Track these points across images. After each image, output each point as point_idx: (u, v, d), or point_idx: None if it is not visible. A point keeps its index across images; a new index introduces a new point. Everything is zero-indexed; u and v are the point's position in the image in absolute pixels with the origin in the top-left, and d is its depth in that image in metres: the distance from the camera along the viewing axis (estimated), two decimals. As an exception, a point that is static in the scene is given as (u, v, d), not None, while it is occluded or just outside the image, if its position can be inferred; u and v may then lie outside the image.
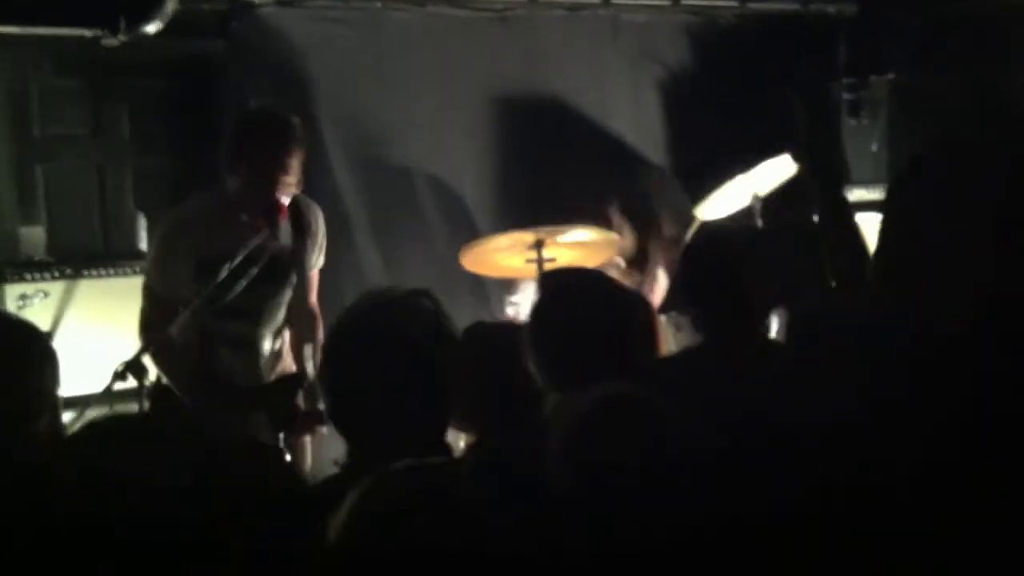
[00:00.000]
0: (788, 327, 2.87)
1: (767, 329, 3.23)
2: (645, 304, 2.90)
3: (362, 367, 2.22)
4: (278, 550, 1.07)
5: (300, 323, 3.90)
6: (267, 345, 3.85)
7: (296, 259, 3.78)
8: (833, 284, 2.72)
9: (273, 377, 3.84)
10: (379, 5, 5.35)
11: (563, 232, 4.59)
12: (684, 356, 3.07)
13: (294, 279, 3.81)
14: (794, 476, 1.42)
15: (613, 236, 4.84)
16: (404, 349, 2.23)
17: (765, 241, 3.24)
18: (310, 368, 3.72)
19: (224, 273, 3.44)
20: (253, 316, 3.77)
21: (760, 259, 2.86)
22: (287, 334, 3.92)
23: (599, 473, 1.80)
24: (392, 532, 1.37)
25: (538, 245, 4.55)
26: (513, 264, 4.77)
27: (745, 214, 5.05)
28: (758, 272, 2.81)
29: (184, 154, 5.09)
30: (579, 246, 4.69)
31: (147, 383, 3.24)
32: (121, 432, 1.13)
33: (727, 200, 5.10)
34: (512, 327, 3.45)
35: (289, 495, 1.15)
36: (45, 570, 0.98)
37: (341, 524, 1.38)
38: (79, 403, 3.24)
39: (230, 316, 3.66)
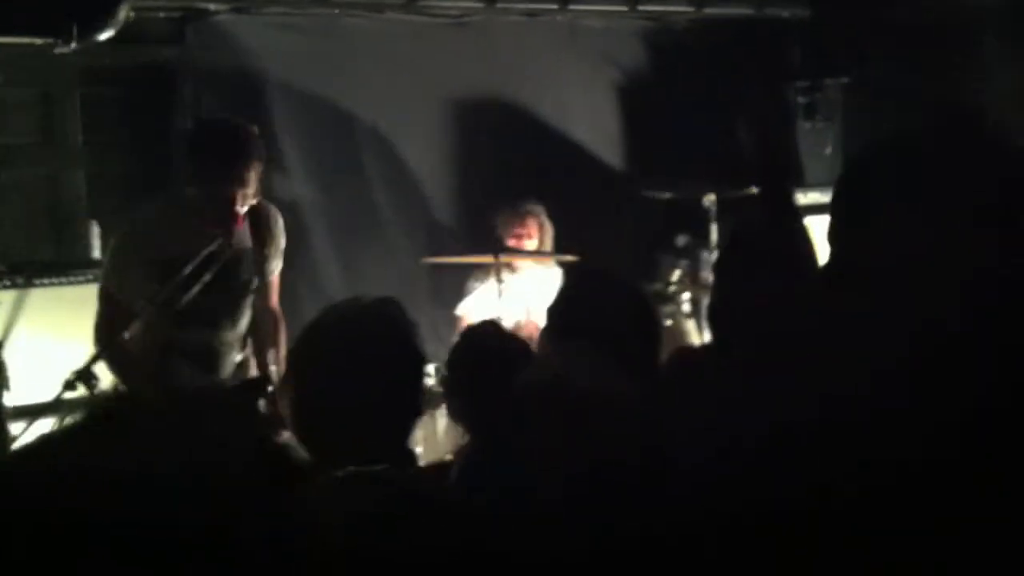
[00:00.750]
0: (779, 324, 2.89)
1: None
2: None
3: (327, 378, 2.23)
4: (273, 548, 1.06)
5: (262, 328, 3.89)
6: (231, 354, 3.83)
7: (256, 263, 3.77)
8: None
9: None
10: (335, 12, 5.34)
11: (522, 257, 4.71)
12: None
13: (255, 283, 3.80)
14: (792, 476, 1.42)
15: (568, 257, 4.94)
16: (368, 359, 2.24)
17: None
18: (274, 372, 3.71)
19: (177, 279, 3.42)
20: (214, 322, 3.75)
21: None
22: (251, 345, 3.91)
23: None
24: (389, 532, 1.37)
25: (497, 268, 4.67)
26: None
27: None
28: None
29: (138, 162, 5.05)
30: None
31: (97, 392, 3.21)
32: (112, 427, 1.12)
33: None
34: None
35: (285, 493, 1.13)
36: (39, 569, 0.96)
37: (335, 525, 1.37)
38: (29, 412, 3.21)
39: (191, 323, 3.64)
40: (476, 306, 5.09)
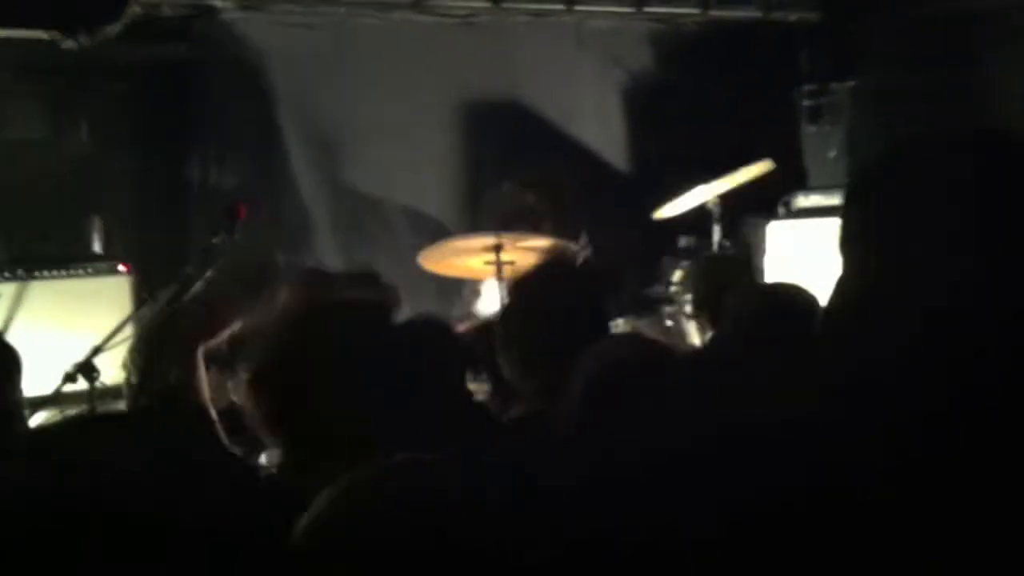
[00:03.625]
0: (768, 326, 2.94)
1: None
2: None
3: (307, 368, 2.14)
4: (268, 545, 1.05)
5: None
6: None
7: None
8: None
9: None
10: (343, 10, 5.35)
11: (523, 239, 4.57)
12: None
13: None
14: (782, 476, 1.41)
15: (571, 245, 4.82)
16: (348, 345, 2.18)
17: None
18: None
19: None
20: None
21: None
22: None
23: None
24: (392, 528, 1.35)
25: (497, 249, 4.53)
26: (472, 266, 4.75)
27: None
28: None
29: (143, 158, 5.08)
30: (538, 251, 4.66)
31: (97, 385, 3.22)
32: (103, 424, 1.13)
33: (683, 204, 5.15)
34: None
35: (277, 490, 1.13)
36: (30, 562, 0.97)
37: (334, 521, 1.36)
38: (29, 405, 3.22)
39: None
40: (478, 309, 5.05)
